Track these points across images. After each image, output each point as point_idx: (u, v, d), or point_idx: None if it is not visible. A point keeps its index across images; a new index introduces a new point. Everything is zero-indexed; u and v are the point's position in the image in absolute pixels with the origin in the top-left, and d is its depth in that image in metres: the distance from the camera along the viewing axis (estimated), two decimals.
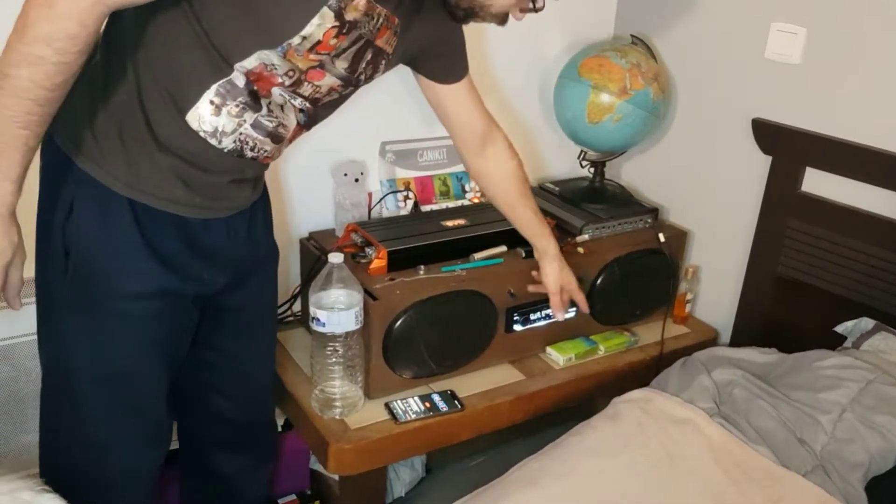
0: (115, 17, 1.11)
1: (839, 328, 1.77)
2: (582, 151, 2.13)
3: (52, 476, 1.29)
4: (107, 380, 1.26)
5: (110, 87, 1.14)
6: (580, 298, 1.77)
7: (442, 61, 1.42)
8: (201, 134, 1.16)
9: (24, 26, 0.97)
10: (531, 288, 1.76)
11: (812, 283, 1.83)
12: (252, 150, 1.22)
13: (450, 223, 1.83)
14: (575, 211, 1.98)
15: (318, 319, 1.53)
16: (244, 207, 1.34)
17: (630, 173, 2.26)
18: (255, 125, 1.19)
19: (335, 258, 1.54)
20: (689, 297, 2.06)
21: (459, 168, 2.05)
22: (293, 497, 1.90)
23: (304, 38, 1.10)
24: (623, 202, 2.07)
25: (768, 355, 1.69)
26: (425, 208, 2.00)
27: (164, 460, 1.39)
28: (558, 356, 1.84)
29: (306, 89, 1.20)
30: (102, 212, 1.18)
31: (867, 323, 1.71)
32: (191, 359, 1.40)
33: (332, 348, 1.56)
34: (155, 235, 1.21)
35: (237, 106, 1.16)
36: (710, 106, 2.00)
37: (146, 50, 1.12)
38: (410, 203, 1.97)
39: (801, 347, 1.67)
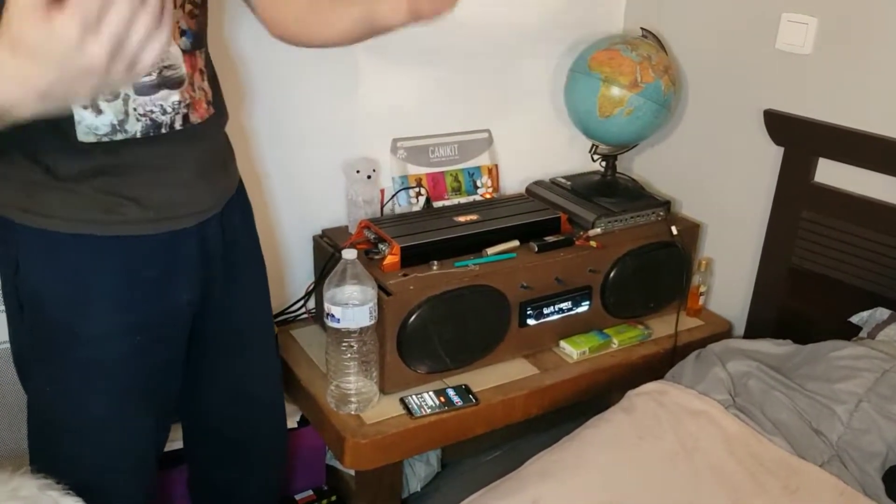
0: None
1: (854, 319, 1.77)
2: (593, 145, 2.12)
3: None
4: (87, 434, 1.18)
5: None
6: None
7: None
8: (105, 140, 1.04)
9: None
10: None
11: (826, 274, 1.83)
12: (163, 113, 1.07)
13: (462, 219, 1.84)
14: (587, 205, 1.98)
15: (332, 315, 1.54)
16: (216, 210, 1.21)
17: (642, 166, 2.26)
18: (140, 91, 1.03)
19: (349, 254, 1.55)
20: (702, 289, 2.05)
21: (471, 164, 2.06)
22: (310, 493, 1.91)
23: None
24: (635, 195, 2.06)
25: (783, 347, 1.69)
26: (437, 204, 2.00)
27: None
28: (572, 350, 1.85)
29: None
30: (50, 256, 1.08)
31: (882, 313, 1.71)
32: (185, 385, 1.31)
33: (346, 344, 1.57)
34: (115, 266, 1.11)
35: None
36: (722, 98, 2.00)
37: None
38: (422, 199, 1.98)
39: (815, 338, 1.66)
